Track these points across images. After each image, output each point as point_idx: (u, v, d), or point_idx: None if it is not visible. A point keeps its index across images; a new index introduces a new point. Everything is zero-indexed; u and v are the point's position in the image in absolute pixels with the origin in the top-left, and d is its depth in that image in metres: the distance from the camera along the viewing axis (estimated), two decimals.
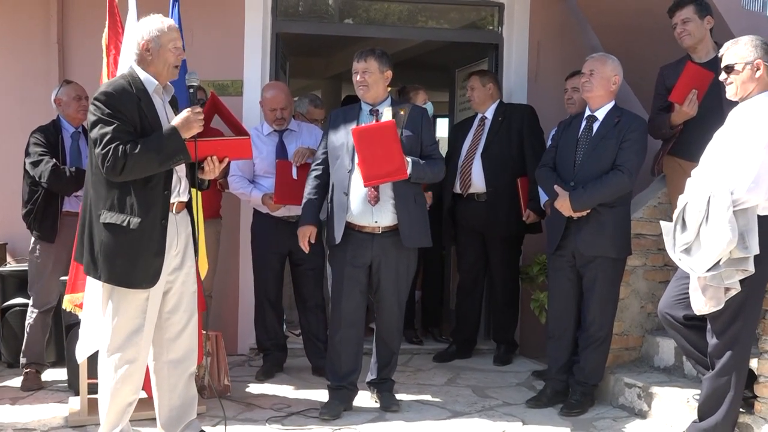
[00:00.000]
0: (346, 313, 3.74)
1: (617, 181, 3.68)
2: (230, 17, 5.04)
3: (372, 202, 3.63)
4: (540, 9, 5.30)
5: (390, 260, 3.71)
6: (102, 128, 2.90)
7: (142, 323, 3.01)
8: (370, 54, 3.70)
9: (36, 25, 5.06)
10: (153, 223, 2.95)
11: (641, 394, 3.79)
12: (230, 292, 5.00)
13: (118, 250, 2.93)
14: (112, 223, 2.92)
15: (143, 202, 2.94)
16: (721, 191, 2.84)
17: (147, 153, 2.87)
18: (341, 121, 3.79)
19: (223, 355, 4.05)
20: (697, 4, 3.94)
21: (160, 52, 3.02)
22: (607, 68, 3.79)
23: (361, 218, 3.66)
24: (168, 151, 2.92)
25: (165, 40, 3.02)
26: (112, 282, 2.96)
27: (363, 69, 3.70)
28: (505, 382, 4.45)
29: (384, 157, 3.51)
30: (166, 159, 2.93)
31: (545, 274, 4.31)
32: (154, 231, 2.96)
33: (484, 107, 4.82)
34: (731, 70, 3.07)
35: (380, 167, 3.51)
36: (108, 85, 3.01)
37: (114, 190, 2.93)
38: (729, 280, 2.87)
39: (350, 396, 3.83)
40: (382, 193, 3.64)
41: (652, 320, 4.19)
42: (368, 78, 3.69)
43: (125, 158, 2.85)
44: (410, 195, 3.70)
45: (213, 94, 3.14)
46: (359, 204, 3.64)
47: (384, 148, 3.50)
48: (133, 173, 2.90)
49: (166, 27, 3.04)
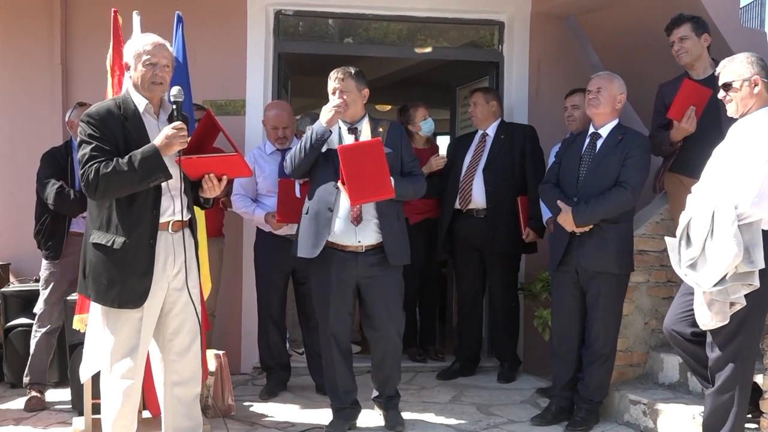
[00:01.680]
0: (336, 335, 3.71)
1: (620, 197, 3.69)
2: (233, 37, 5.09)
3: (354, 222, 3.60)
4: (540, 27, 5.34)
5: (377, 279, 3.67)
6: (83, 149, 2.93)
7: (137, 343, 2.99)
8: (344, 74, 3.68)
9: (40, 46, 5.10)
10: (139, 242, 2.93)
11: (646, 411, 3.78)
12: (233, 310, 5.00)
13: (104, 269, 2.94)
14: (99, 243, 2.94)
15: (128, 221, 2.93)
16: (725, 206, 2.85)
17: (122, 172, 2.85)
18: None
19: (227, 374, 4.04)
20: (694, 21, 3.98)
21: (137, 69, 3.02)
22: (614, 86, 3.83)
23: (343, 238, 3.62)
24: (146, 170, 2.87)
25: (139, 57, 3.01)
26: (99, 302, 2.99)
27: (341, 88, 3.66)
28: (509, 400, 4.44)
29: (371, 176, 3.46)
30: (144, 177, 2.88)
31: (548, 291, 4.31)
32: (140, 250, 2.94)
33: (486, 124, 4.85)
34: (729, 88, 3.10)
35: (367, 186, 3.46)
36: (94, 106, 3.04)
37: (103, 211, 2.96)
38: (735, 295, 2.88)
39: (354, 414, 3.82)
40: (364, 213, 3.62)
41: (656, 336, 4.19)
42: (347, 97, 3.67)
43: (97, 177, 2.85)
44: (393, 213, 3.69)
45: (209, 111, 3.15)
46: (342, 223, 3.61)
47: (370, 166, 3.45)
48: (110, 192, 2.89)
49: (141, 45, 3.03)
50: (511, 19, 5.35)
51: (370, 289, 3.69)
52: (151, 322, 3.03)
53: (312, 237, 3.65)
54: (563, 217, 3.75)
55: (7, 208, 5.00)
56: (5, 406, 4.23)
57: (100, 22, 4.48)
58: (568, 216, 3.72)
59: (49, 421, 3.94)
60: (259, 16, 5.11)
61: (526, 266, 5.08)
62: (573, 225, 3.72)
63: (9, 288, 4.75)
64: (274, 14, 5.18)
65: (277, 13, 5.19)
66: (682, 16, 4.00)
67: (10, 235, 4.96)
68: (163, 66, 3.02)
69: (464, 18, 5.41)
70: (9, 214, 4.97)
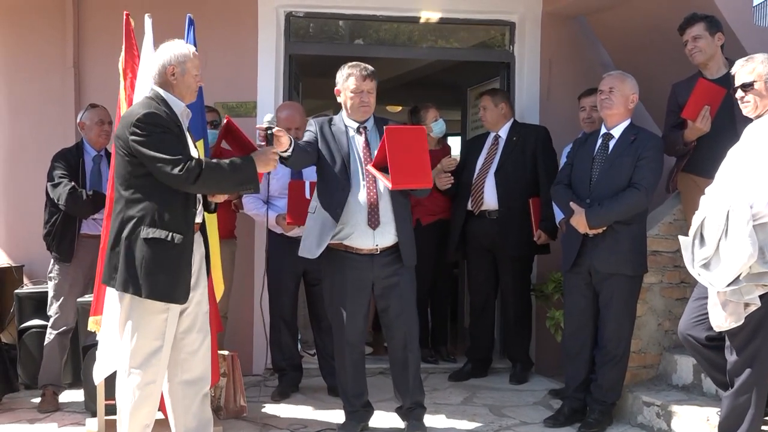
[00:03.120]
0: (351, 337, 3.69)
1: (633, 199, 3.67)
2: (244, 39, 5.10)
3: (373, 226, 3.57)
4: (551, 27, 5.33)
5: (393, 280, 3.65)
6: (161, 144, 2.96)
7: (161, 344, 3.02)
8: (374, 75, 3.65)
9: (52, 49, 5.13)
10: (189, 239, 3.04)
11: (660, 413, 3.76)
12: (245, 312, 5.00)
13: (162, 265, 2.97)
14: (155, 239, 2.96)
15: (183, 219, 3.03)
16: (740, 205, 2.83)
17: (224, 171, 3.03)
18: (330, 133, 3.68)
19: (239, 375, 4.05)
20: (707, 20, 3.95)
21: (184, 77, 3.13)
22: (626, 86, 3.81)
23: (360, 241, 3.58)
24: (243, 177, 3.07)
25: (190, 65, 3.14)
26: (154, 297, 2.97)
27: (368, 89, 3.64)
28: (521, 401, 4.42)
29: (413, 162, 3.38)
30: (240, 183, 3.10)
31: (560, 292, 4.29)
32: (188, 247, 3.04)
33: (498, 127, 4.83)
34: (750, 88, 3.07)
35: (408, 171, 3.37)
36: (145, 106, 3.04)
37: (154, 208, 2.99)
38: (749, 296, 2.85)
39: (366, 416, 3.81)
40: (382, 216, 3.59)
41: (670, 338, 4.16)
42: (372, 99, 3.66)
43: (200, 167, 2.97)
44: (406, 215, 3.68)
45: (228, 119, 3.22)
46: (360, 228, 3.56)
47: (413, 152, 3.38)
48: (206, 185, 3.04)
49: (191, 53, 3.17)
50: (521, 20, 5.34)
51: (385, 290, 3.67)
52: (174, 322, 3.07)
53: (316, 236, 3.61)
54: (576, 218, 3.73)
55: (21, 210, 5.03)
56: (19, 406, 4.25)
57: (112, 24, 4.50)
58: (581, 218, 3.70)
59: (63, 422, 3.96)
60: (270, 18, 5.12)
61: (538, 267, 5.06)
62: (586, 227, 3.70)
63: (23, 290, 4.78)
64: (285, 16, 5.19)
65: (287, 15, 5.20)
66: (696, 15, 3.97)
67: (24, 237, 4.99)
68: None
69: (475, 18, 5.40)
70: (22, 216, 5.00)
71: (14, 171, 5.16)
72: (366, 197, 3.57)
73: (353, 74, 3.62)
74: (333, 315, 3.73)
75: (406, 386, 3.73)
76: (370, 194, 3.57)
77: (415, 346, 3.74)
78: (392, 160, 3.31)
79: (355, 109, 3.65)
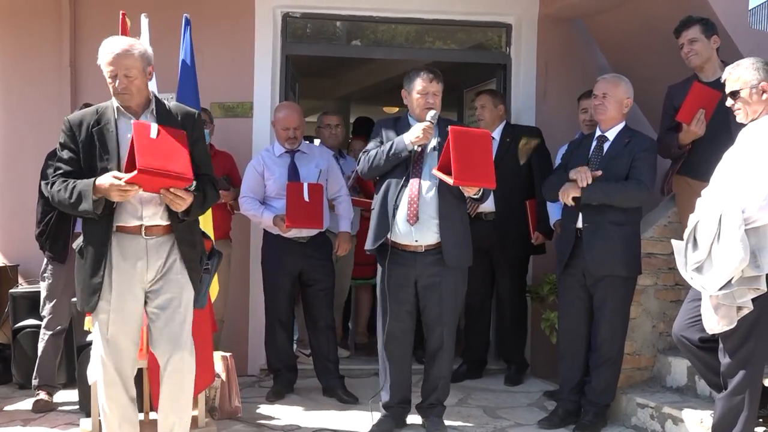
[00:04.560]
0: (390, 332, 3.72)
1: (635, 189, 3.68)
2: (240, 39, 5.10)
3: (411, 221, 3.62)
4: (547, 29, 5.33)
5: (434, 279, 3.67)
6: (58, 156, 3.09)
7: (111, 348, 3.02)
8: (440, 78, 3.73)
9: (49, 49, 5.12)
10: (94, 246, 3.00)
11: (654, 415, 3.76)
12: (241, 312, 5.01)
13: (77, 273, 3.08)
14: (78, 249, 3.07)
15: (87, 226, 3.05)
16: (732, 209, 2.84)
17: (62, 197, 2.97)
18: (393, 130, 3.78)
19: (233, 376, 4.05)
20: (703, 23, 3.95)
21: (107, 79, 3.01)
22: (620, 91, 3.82)
23: (403, 237, 3.65)
24: (78, 206, 2.93)
25: (103, 66, 3.01)
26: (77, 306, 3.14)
27: (434, 91, 3.71)
28: (516, 403, 4.42)
29: (476, 162, 3.47)
30: (75, 211, 2.98)
31: (555, 294, 4.30)
32: (94, 254, 2.99)
33: (492, 128, 4.82)
34: (737, 96, 3.08)
35: (471, 170, 3.45)
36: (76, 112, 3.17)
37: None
38: (741, 299, 2.86)
39: (402, 414, 3.83)
40: (422, 212, 3.61)
41: (664, 339, 4.17)
42: (437, 101, 3.71)
43: (48, 192, 3.05)
44: (456, 215, 3.69)
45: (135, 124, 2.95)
46: (401, 223, 3.63)
47: (477, 153, 3.48)
48: (60, 207, 3.07)
49: (105, 52, 2.99)
50: (518, 22, 5.35)
51: (425, 289, 3.70)
52: (122, 327, 3.01)
53: (375, 230, 3.70)
54: (566, 187, 3.72)
55: (17, 209, 5.02)
56: (14, 407, 4.25)
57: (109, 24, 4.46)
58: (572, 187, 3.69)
59: (57, 422, 3.95)
60: (267, 19, 5.12)
61: (534, 269, 5.07)
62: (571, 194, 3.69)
63: (18, 289, 4.78)
64: (281, 16, 5.19)
65: (284, 16, 5.20)
66: (691, 18, 3.98)
67: (19, 237, 4.98)
68: (123, 76, 2.96)
69: (471, 20, 5.41)
70: (18, 215, 4.99)
71: (11, 171, 5.15)
72: (408, 192, 3.63)
73: (420, 77, 3.71)
74: (379, 308, 3.79)
75: (434, 385, 3.79)
76: (412, 190, 3.62)
77: (450, 348, 3.78)
78: (456, 157, 3.41)
79: (420, 109, 3.70)
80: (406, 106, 3.83)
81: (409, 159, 3.65)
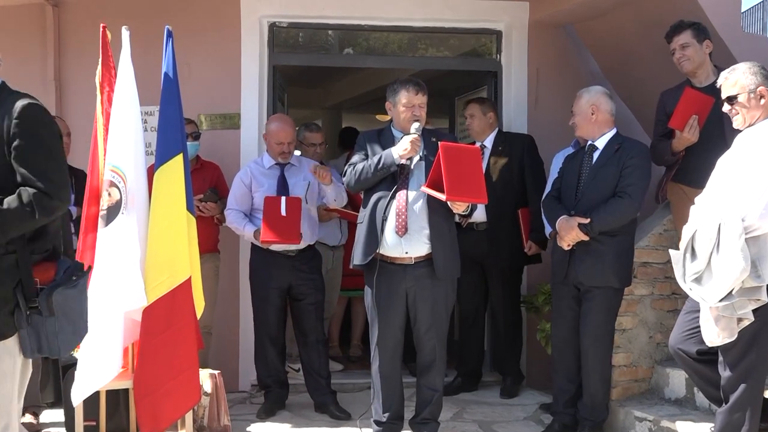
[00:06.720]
0: (383, 347, 3.66)
1: (619, 206, 3.63)
2: (227, 50, 5.02)
3: (400, 232, 3.56)
4: (538, 36, 5.28)
5: (425, 291, 3.62)
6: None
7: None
8: (425, 90, 3.68)
9: (33, 63, 5.04)
10: None
11: (653, 428, 3.69)
12: (231, 327, 4.92)
13: None
14: None
15: None
16: (732, 218, 2.76)
17: None
18: (377, 143, 3.73)
19: (222, 394, 3.95)
20: (694, 28, 3.90)
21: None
22: (582, 102, 3.85)
23: (392, 250, 3.59)
24: None
25: None
26: None
27: (420, 103, 3.66)
28: (512, 416, 4.34)
29: (468, 178, 3.44)
30: None
31: (550, 304, 4.23)
32: None
33: (483, 136, 4.76)
34: (735, 101, 3.02)
35: (463, 185, 3.43)
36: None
37: None
38: (742, 310, 2.79)
39: (394, 431, 3.74)
40: (412, 223, 3.56)
41: (662, 350, 4.09)
42: (423, 113, 3.66)
43: None
44: (445, 226, 3.64)
45: None
46: (390, 235, 3.57)
47: (468, 169, 3.45)
48: None
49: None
50: (508, 28, 5.29)
51: (416, 301, 3.64)
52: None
53: (364, 245, 3.63)
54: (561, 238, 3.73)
55: None
56: None
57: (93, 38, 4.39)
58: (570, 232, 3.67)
59: None
60: (253, 29, 5.05)
61: (528, 279, 4.99)
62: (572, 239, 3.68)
63: None
64: (268, 26, 5.12)
65: (271, 26, 5.13)
66: (683, 23, 3.92)
67: None
68: None
69: (461, 27, 5.34)
70: None
71: None
72: (396, 204, 3.58)
73: (405, 88, 3.66)
74: (370, 323, 3.74)
75: (428, 398, 3.72)
76: (399, 201, 3.57)
77: (443, 360, 3.73)
78: (447, 173, 3.37)
79: (406, 121, 3.64)
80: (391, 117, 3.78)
81: (396, 171, 3.60)
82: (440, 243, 3.59)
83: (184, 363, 3.52)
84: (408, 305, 3.66)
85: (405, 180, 3.61)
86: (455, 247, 3.71)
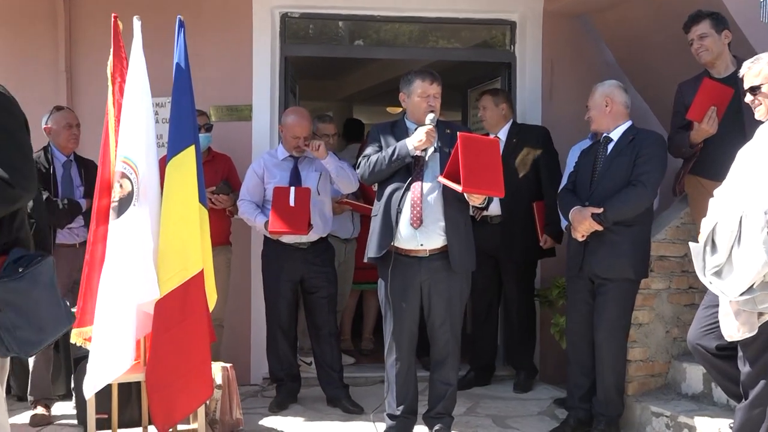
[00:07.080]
0: (397, 340, 3.63)
1: (633, 195, 3.59)
2: (238, 41, 5.00)
3: (415, 224, 3.52)
4: (552, 26, 5.21)
5: (440, 284, 3.59)
6: None
7: None
8: (439, 80, 3.65)
9: (44, 54, 5.03)
10: None
11: (669, 424, 3.64)
12: (243, 320, 4.90)
13: None
14: None
15: None
16: (754, 211, 2.70)
17: None
18: (391, 134, 3.70)
19: (234, 387, 3.93)
20: (713, 18, 3.83)
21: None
22: (596, 96, 3.82)
23: (407, 242, 3.55)
24: None
25: None
26: None
27: (435, 93, 3.63)
28: (526, 411, 4.30)
29: (485, 170, 3.40)
30: None
31: (565, 298, 4.19)
32: None
33: (497, 128, 4.71)
34: (758, 92, 2.95)
35: (480, 177, 3.38)
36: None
37: None
38: (763, 305, 2.72)
39: (408, 425, 3.71)
40: (427, 215, 3.52)
41: (678, 345, 4.04)
42: (437, 103, 3.64)
43: None
44: (460, 218, 3.60)
45: None
46: (405, 227, 3.53)
47: (486, 161, 3.41)
48: None
49: None
50: (522, 19, 5.23)
51: (431, 295, 3.61)
52: None
53: (379, 237, 3.59)
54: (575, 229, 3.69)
55: None
56: (12, 420, 4.14)
57: (104, 28, 4.37)
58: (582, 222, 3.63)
59: None
60: (265, 19, 5.02)
61: (542, 272, 4.95)
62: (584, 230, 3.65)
63: None
64: (280, 17, 5.08)
65: (283, 16, 5.10)
66: (701, 13, 3.85)
67: None
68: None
69: (475, 18, 5.29)
70: None
71: None
72: (411, 196, 3.54)
73: (420, 78, 3.63)
74: (383, 316, 3.71)
75: (441, 393, 3.69)
76: (414, 193, 3.54)
77: (456, 354, 3.70)
78: (464, 164, 3.32)
79: (422, 111, 3.61)
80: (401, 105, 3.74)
81: (410, 163, 3.56)
82: (455, 235, 3.55)
83: (197, 356, 3.49)
84: (422, 298, 3.63)
85: (420, 171, 3.57)
86: (470, 239, 3.67)
